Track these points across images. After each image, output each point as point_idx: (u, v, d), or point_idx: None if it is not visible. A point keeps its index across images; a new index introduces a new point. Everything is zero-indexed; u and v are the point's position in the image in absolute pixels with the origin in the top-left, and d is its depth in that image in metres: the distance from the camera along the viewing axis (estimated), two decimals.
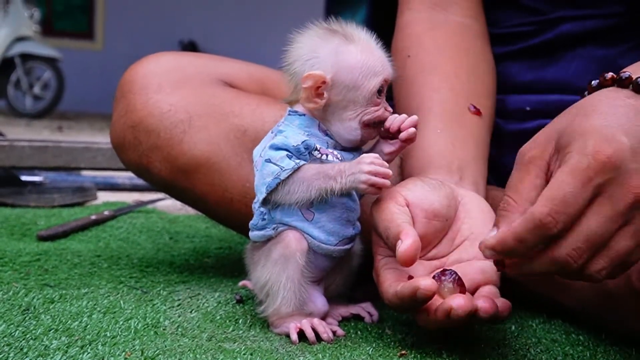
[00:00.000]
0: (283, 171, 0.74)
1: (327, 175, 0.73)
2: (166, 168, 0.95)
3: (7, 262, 1.05)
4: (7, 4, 6.70)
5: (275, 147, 0.75)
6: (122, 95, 0.98)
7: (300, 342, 0.76)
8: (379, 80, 0.77)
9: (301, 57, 0.77)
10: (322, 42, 0.77)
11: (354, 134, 0.78)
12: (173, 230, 1.44)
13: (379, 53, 0.78)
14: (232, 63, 1.08)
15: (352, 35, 0.77)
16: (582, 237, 0.60)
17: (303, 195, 0.74)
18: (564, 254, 0.61)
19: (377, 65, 0.77)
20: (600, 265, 0.61)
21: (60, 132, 5.45)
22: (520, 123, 1.06)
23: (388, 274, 0.74)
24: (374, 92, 0.77)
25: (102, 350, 0.69)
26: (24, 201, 1.67)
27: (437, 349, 0.76)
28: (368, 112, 0.77)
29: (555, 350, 0.79)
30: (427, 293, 0.67)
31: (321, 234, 0.77)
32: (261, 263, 0.79)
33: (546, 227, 0.60)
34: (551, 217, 0.60)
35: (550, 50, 1.06)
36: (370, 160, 0.72)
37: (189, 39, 9.49)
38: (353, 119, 0.77)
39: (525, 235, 0.61)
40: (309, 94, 0.76)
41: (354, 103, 0.77)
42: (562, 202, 0.60)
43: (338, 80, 0.76)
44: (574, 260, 0.61)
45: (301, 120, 0.78)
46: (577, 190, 0.60)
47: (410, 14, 1.04)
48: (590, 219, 0.60)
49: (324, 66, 0.76)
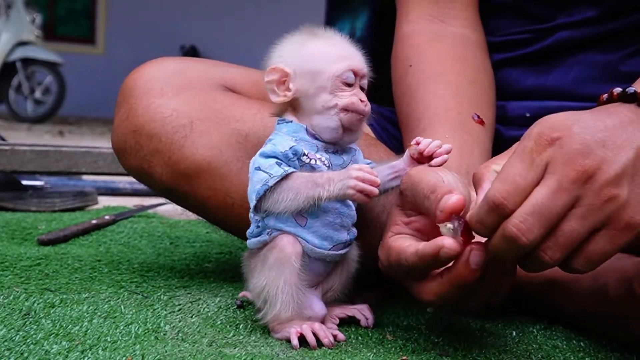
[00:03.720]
0: (271, 178, 0.74)
1: (315, 183, 0.74)
2: (167, 173, 0.95)
3: (8, 267, 1.05)
4: (9, 8, 6.72)
5: (265, 155, 0.76)
6: (123, 100, 0.98)
7: (300, 347, 0.76)
8: (342, 66, 0.77)
9: (271, 62, 0.80)
10: (288, 43, 0.81)
11: (332, 121, 0.78)
12: (174, 235, 1.44)
13: (344, 44, 0.80)
14: (234, 68, 1.08)
15: (317, 32, 0.81)
16: (528, 209, 0.62)
17: (291, 203, 0.75)
18: (511, 226, 0.62)
19: (341, 53, 0.79)
20: (548, 246, 0.62)
21: (62, 136, 5.46)
22: (521, 129, 1.05)
23: (404, 240, 0.74)
24: (337, 75, 0.77)
25: (102, 355, 0.69)
26: (25, 205, 1.67)
27: (438, 355, 0.76)
28: (341, 97, 0.77)
29: (556, 356, 0.79)
30: (449, 252, 0.67)
31: (315, 238, 0.78)
32: (258, 269, 0.79)
33: (499, 207, 0.63)
34: (502, 197, 0.63)
35: (549, 57, 1.06)
36: (358, 167, 0.74)
37: (190, 44, 9.51)
38: (328, 105, 0.78)
39: (484, 217, 0.64)
40: (273, 87, 0.79)
41: (322, 88, 0.78)
42: (511, 182, 0.63)
43: (302, 69, 0.78)
44: (522, 233, 0.62)
45: (289, 127, 0.79)
46: (524, 171, 0.63)
47: (409, 26, 1.05)
48: (536, 192, 0.62)
49: (288, 60, 0.79)
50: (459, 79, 0.97)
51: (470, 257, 0.67)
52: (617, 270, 0.80)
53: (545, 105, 1.05)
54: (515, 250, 0.64)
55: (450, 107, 0.94)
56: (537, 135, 0.64)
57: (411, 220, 0.76)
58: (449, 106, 0.94)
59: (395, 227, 0.76)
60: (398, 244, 0.74)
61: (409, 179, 0.76)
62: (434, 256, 0.68)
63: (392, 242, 0.75)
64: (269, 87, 0.79)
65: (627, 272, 0.78)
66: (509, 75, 1.08)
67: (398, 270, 0.74)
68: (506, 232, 0.63)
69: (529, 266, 0.66)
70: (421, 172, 0.75)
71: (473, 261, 0.67)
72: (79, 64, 8.77)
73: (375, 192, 0.73)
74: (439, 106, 0.93)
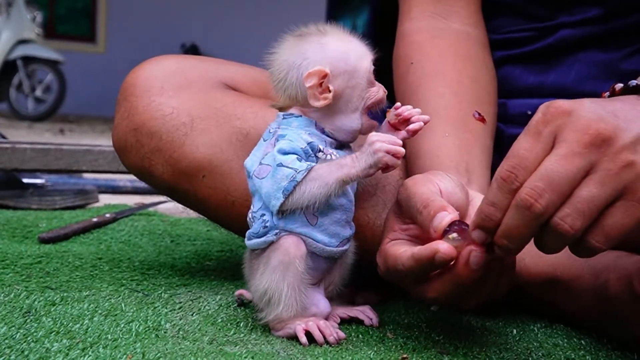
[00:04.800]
0: (298, 173, 0.74)
1: (339, 165, 0.74)
2: (168, 171, 0.95)
3: (9, 265, 1.05)
4: (10, 7, 6.71)
5: (284, 151, 0.75)
6: (124, 98, 0.98)
7: (300, 344, 0.76)
8: (370, 60, 0.79)
9: (292, 66, 0.78)
10: (302, 45, 0.78)
11: (356, 122, 0.79)
12: (174, 233, 1.44)
13: (356, 39, 0.81)
14: (235, 66, 1.08)
15: (324, 29, 0.80)
16: (539, 176, 0.60)
17: (322, 190, 0.74)
18: (522, 194, 0.60)
19: (362, 48, 0.80)
20: (567, 213, 0.59)
21: (62, 134, 5.46)
22: (522, 127, 1.05)
23: (401, 245, 0.74)
24: (370, 71, 0.79)
25: (103, 353, 0.69)
26: (26, 204, 1.67)
27: (439, 353, 0.76)
28: (370, 96, 0.79)
29: (557, 354, 0.79)
30: (445, 257, 0.67)
31: (324, 237, 0.78)
32: (260, 271, 0.79)
33: (507, 181, 0.61)
34: (510, 172, 0.61)
35: (551, 55, 1.06)
36: (376, 133, 0.75)
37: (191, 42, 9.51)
38: (358, 107, 0.79)
39: (495, 197, 0.63)
40: (315, 91, 0.76)
41: (357, 88, 0.78)
42: (518, 157, 0.62)
43: (336, 69, 0.77)
44: (534, 199, 0.59)
45: (299, 121, 0.78)
46: (530, 145, 0.62)
47: (411, 23, 1.05)
48: (546, 161, 0.61)
49: (318, 63, 0.77)
50: (461, 76, 0.97)
51: (470, 257, 0.67)
52: (618, 269, 0.80)
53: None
54: (530, 221, 0.60)
55: (451, 104, 0.94)
56: (545, 108, 0.62)
57: (408, 227, 0.76)
58: (450, 104, 0.94)
59: (393, 234, 0.77)
60: (394, 250, 0.74)
61: (405, 191, 0.76)
62: (430, 260, 0.68)
63: (389, 248, 0.75)
64: (310, 92, 0.76)
65: (628, 271, 0.78)
66: (510, 73, 1.08)
67: (396, 275, 0.74)
68: (518, 201, 0.60)
69: (548, 242, 0.62)
70: (417, 183, 0.75)
71: (473, 262, 0.67)
72: (80, 62, 8.77)
73: (402, 152, 0.73)
74: (439, 104, 0.93)
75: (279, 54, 0.79)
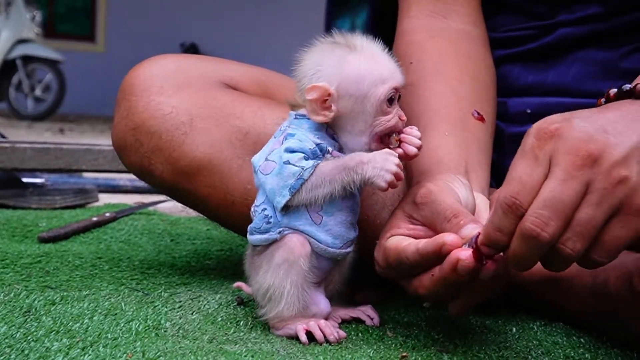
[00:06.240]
0: (305, 170, 0.74)
1: (347, 166, 0.74)
2: (167, 170, 0.95)
3: (9, 264, 1.05)
4: (9, 6, 6.71)
5: (291, 150, 0.75)
6: (123, 98, 0.98)
7: (300, 343, 0.76)
8: (387, 88, 0.76)
9: (307, 73, 0.77)
10: (325, 55, 0.77)
11: (361, 145, 0.78)
12: (174, 232, 1.44)
13: (385, 61, 0.77)
14: (234, 65, 1.08)
15: (355, 44, 0.77)
16: (541, 203, 0.61)
17: (327, 189, 0.74)
18: (527, 224, 0.61)
19: (384, 73, 0.76)
20: (568, 237, 0.61)
21: (62, 134, 5.46)
22: (522, 126, 1.06)
23: (402, 240, 0.74)
24: (382, 100, 0.76)
25: (103, 352, 0.70)
26: (26, 203, 1.67)
27: (438, 351, 0.76)
28: (380, 123, 0.77)
29: (556, 352, 0.79)
30: (452, 249, 0.67)
31: (328, 237, 0.78)
32: (263, 268, 0.78)
33: (513, 207, 0.62)
34: (514, 199, 0.62)
35: (550, 54, 1.06)
36: (396, 162, 0.73)
37: (190, 41, 9.50)
38: (364, 131, 0.77)
39: (501, 224, 0.63)
40: (315, 106, 0.76)
41: (363, 114, 0.76)
42: (519, 182, 0.62)
43: (343, 90, 0.75)
44: (540, 229, 0.60)
45: (310, 123, 0.78)
46: (529, 168, 0.62)
47: (410, 22, 1.05)
48: (545, 186, 0.61)
49: (328, 78, 0.75)
50: (460, 75, 0.97)
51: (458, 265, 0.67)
52: (617, 267, 0.80)
53: (545, 101, 1.05)
54: (537, 249, 0.62)
55: (450, 103, 0.93)
56: (536, 131, 0.63)
57: (415, 228, 0.76)
58: (449, 103, 0.93)
59: (395, 230, 0.76)
60: (395, 244, 0.74)
61: (430, 195, 0.75)
62: (436, 253, 0.68)
63: (389, 243, 0.75)
64: (310, 105, 0.76)
65: (627, 269, 0.78)
66: (509, 72, 1.08)
67: (398, 270, 0.74)
68: (524, 231, 0.61)
69: (552, 264, 0.64)
70: (442, 191, 0.75)
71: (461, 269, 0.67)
72: (79, 61, 8.76)
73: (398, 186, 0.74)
74: (438, 103, 0.93)
75: (307, 55, 0.78)
